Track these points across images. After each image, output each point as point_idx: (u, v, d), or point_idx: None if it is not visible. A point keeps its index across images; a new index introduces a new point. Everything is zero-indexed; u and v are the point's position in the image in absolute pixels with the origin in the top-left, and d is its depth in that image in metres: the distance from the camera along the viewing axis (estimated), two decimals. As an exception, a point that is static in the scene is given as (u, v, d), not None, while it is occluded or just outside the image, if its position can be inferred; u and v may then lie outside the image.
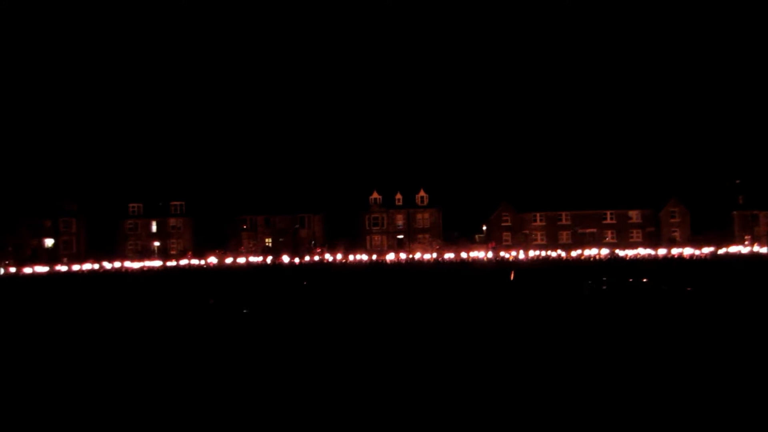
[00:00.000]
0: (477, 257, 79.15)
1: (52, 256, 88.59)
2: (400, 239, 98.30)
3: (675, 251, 78.53)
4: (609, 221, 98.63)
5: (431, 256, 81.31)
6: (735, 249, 79.54)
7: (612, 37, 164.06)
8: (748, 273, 44.56)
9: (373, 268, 65.69)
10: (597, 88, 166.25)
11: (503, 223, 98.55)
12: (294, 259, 78.98)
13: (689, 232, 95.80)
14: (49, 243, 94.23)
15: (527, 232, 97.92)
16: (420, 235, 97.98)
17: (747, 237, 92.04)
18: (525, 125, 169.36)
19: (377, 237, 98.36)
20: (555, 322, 21.66)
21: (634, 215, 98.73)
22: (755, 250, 79.42)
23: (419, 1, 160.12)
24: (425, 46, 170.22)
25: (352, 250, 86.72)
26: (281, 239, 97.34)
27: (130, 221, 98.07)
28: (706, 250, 76.09)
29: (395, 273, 55.52)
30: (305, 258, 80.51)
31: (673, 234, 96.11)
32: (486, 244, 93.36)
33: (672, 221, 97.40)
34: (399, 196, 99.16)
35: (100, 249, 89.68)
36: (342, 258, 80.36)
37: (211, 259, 78.23)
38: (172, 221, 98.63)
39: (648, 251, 79.79)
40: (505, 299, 29.66)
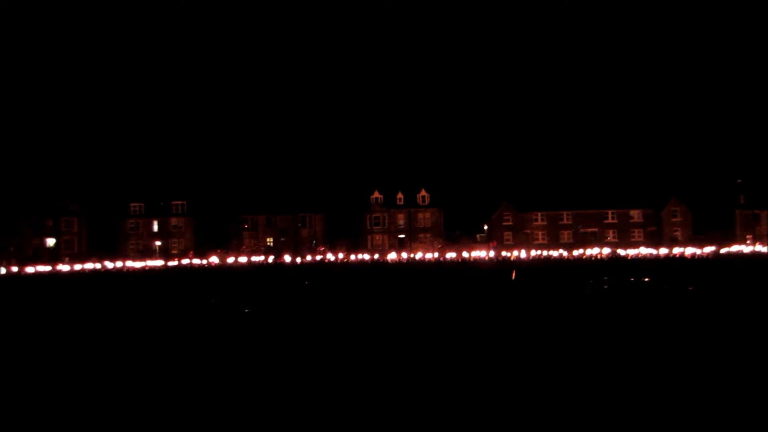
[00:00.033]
0: (478, 257, 79.11)
1: (53, 255, 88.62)
2: (401, 239, 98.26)
3: (676, 251, 78.46)
4: (610, 221, 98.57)
5: (433, 255, 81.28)
6: (737, 248, 79.44)
7: (612, 37, 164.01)
8: (749, 272, 44.52)
9: (375, 267, 65.67)
10: (598, 87, 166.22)
11: (504, 223, 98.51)
12: (296, 259, 78.98)
13: (691, 231, 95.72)
14: (51, 242, 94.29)
15: (528, 231, 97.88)
16: (421, 235, 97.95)
17: (749, 236, 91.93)
18: (526, 125, 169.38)
19: (378, 236, 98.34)
20: (556, 321, 21.66)
21: (635, 215, 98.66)
22: (757, 249, 79.31)
23: (419, 1, 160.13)
24: (426, 45, 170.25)
25: (353, 249, 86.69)
26: (282, 239, 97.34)
27: (131, 221, 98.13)
28: (707, 249, 76.02)
29: (397, 273, 55.50)
30: (306, 257, 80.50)
31: (675, 233, 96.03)
32: (487, 243, 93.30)
33: (673, 221, 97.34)
34: (400, 195, 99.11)
35: (101, 248, 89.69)
36: (343, 258, 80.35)
37: (213, 259, 78.22)
38: (173, 221, 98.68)
39: (649, 251, 79.71)
40: (507, 299, 29.65)
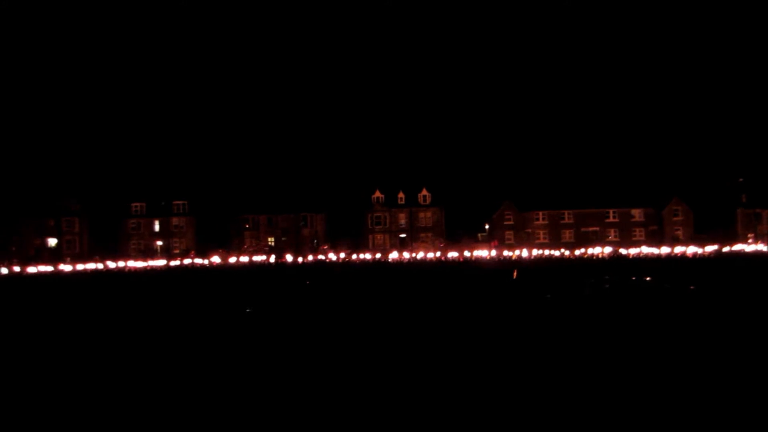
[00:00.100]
0: (480, 256, 79.11)
1: (55, 255, 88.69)
2: (402, 238, 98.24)
3: (678, 250, 78.42)
4: (612, 220, 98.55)
5: (434, 255, 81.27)
6: (738, 247, 79.39)
7: (613, 37, 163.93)
8: (751, 271, 44.49)
9: (377, 267, 65.67)
10: (599, 86, 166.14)
11: (506, 222, 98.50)
12: (297, 259, 78.99)
13: (692, 230, 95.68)
14: (53, 242, 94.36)
15: (530, 230, 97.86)
16: (422, 234, 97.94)
17: (750, 235, 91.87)
18: (527, 124, 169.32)
19: (380, 236, 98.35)
20: (557, 320, 21.66)
21: (636, 214, 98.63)
22: (759, 248, 79.25)
23: (420, 1, 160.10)
24: (427, 45, 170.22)
25: (354, 249, 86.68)
26: (284, 238, 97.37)
27: (133, 221, 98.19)
28: (709, 248, 75.96)
29: (399, 272, 55.50)
30: (308, 257, 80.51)
31: (676, 232, 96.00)
32: (488, 242, 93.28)
33: (675, 220, 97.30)
34: (401, 195, 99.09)
35: (102, 248, 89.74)
36: (345, 257, 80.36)
37: (215, 259, 78.24)
38: (174, 220, 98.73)
39: (651, 250, 79.69)
40: (508, 298, 29.64)
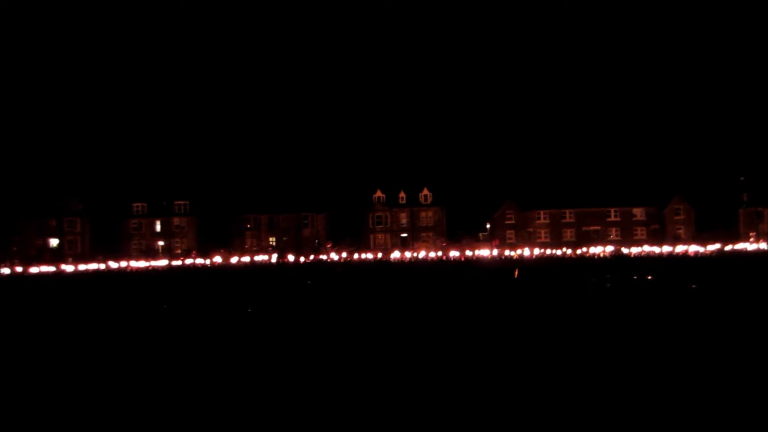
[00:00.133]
0: (482, 255, 79.12)
1: (56, 255, 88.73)
2: (403, 238, 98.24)
3: (679, 249, 78.35)
4: (613, 219, 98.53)
5: (436, 254, 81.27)
6: (740, 246, 79.31)
7: (613, 36, 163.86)
8: (753, 270, 44.44)
9: (378, 266, 65.68)
10: (600, 85, 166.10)
11: (507, 221, 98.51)
12: (299, 258, 79.01)
13: (694, 229, 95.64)
14: (54, 243, 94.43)
15: (531, 230, 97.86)
16: (424, 234, 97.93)
17: (752, 234, 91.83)
18: (528, 123, 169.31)
19: (381, 236, 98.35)
20: (559, 319, 21.65)
21: (638, 213, 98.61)
22: (761, 247, 79.17)
23: (420, 1, 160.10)
24: (428, 44, 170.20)
25: (356, 249, 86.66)
26: (285, 238, 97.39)
27: (134, 221, 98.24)
28: (711, 247, 75.87)
29: (400, 272, 55.51)
30: (310, 257, 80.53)
31: (678, 231, 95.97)
32: (490, 242, 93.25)
33: (676, 218, 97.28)
34: (402, 194, 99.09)
35: (104, 249, 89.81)
36: (347, 257, 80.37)
37: (216, 259, 78.26)
38: (176, 220, 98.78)
39: (652, 249, 79.63)
40: (510, 297, 29.64)
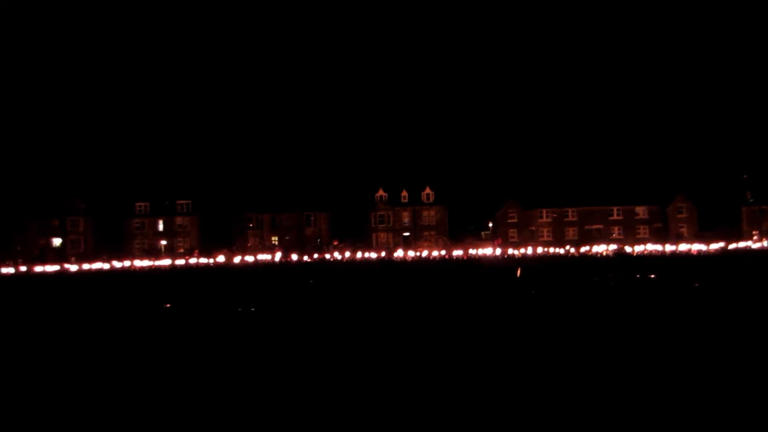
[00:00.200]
0: (485, 254, 79.11)
1: (59, 255, 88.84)
2: (406, 237, 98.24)
3: (683, 247, 78.25)
4: (616, 217, 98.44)
5: (439, 253, 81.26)
6: (744, 245, 79.20)
7: (615, 35, 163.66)
8: (756, 269, 44.37)
9: (382, 265, 65.69)
10: (602, 84, 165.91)
11: (509, 220, 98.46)
12: (302, 257, 79.04)
13: (697, 228, 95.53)
14: (57, 242, 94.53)
15: (534, 228, 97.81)
16: (426, 233, 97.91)
17: (755, 233, 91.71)
18: (531, 122, 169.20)
19: (383, 235, 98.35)
20: (562, 318, 21.65)
21: (641, 211, 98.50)
22: (765, 245, 79.04)
23: (421, 1, 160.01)
24: (430, 43, 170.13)
25: (358, 248, 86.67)
26: (287, 237, 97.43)
27: (137, 220, 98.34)
28: (714, 246, 75.75)
29: (404, 271, 55.52)
30: (313, 256, 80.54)
31: (681, 230, 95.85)
32: (492, 240, 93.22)
33: (679, 217, 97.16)
34: (405, 193, 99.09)
35: (106, 248, 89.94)
36: (350, 256, 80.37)
37: (220, 258, 78.32)
38: (178, 220, 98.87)
39: (655, 247, 79.55)
40: (513, 296, 29.64)
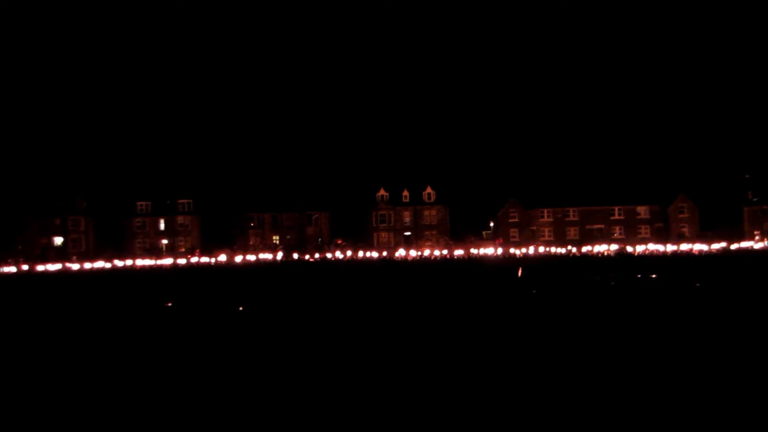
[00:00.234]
0: (486, 254, 79.10)
1: (61, 254, 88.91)
2: (407, 236, 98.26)
3: (684, 247, 78.21)
4: (617, 217, 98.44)
5: (440, 252, 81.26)
6: (746, 245, 79.17)
7: (616, 35, 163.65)
8: (758, 269, 44.35)
9: (383, 265, 65.70)
10: (603, 84, 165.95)
11: (511, 220, 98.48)
12: (304, 257, 79.06)
13: (698, 227, 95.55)
14: (59, 241, 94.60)
15: (535, 228, 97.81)
16: (427, 232, 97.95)
17: (757, 232, 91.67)
18: (532, 122, 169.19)
19: (384, 234, 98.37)
20: (563, 318, 21.66)
21: (642, 211, 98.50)
22: (766, 245, 79.00)
23: (421, 1, 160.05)
24: (431, 43, 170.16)
25: (359, 247, 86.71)
26: (288, 237, 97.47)
27: (138, 219, 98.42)
28: (716, 246, 75.71)
29: (405, 270, 55.53)
30: (315, 255, 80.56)
31: (682, 230, 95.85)
32: (493, 240, 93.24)
33: (681, 217, 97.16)
34: (406, 193, 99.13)
35: (108, 247, 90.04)
36: (351, 255, 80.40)
37: (221, 257, 78.37)
38: (179, 219, 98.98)
39: (656, 247, 79.52)
40: (514, 296, 29.65)
